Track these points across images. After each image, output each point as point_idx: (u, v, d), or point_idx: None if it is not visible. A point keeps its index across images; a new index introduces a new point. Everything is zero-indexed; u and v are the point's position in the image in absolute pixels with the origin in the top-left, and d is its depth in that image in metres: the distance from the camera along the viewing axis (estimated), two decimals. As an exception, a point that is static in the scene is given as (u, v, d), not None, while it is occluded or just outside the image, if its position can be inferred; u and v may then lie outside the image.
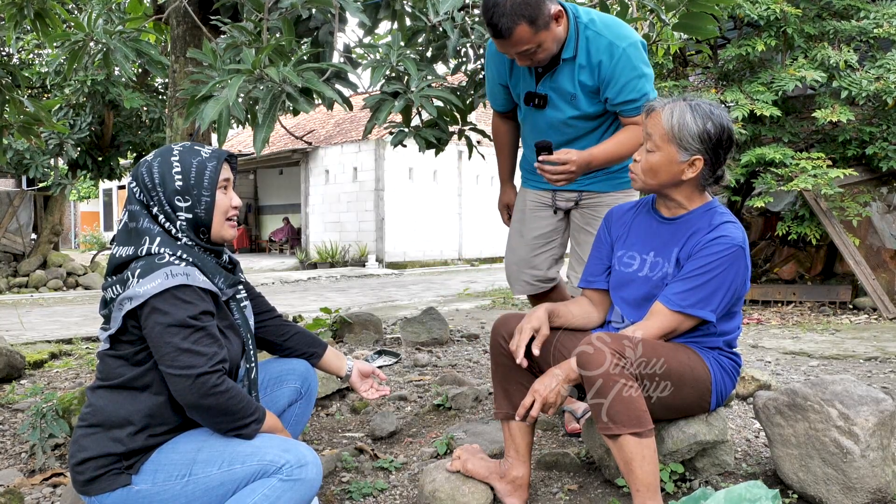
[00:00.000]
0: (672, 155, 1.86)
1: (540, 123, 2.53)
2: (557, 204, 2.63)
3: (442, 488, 2.00)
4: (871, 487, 1.84)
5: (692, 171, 1.88)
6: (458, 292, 9.72)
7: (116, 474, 1.58)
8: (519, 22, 2.16)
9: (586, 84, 2.37)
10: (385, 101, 2.46)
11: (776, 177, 5.99)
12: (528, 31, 2.18)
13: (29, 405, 3.09)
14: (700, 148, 1.85)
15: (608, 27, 2.34)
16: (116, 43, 2.74)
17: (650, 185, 1.94)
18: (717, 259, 1.84)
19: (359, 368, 2.05)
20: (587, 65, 2.35)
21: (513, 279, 2.75)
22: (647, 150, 1.90)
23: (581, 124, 2.47)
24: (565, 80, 2.39)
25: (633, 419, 1.70)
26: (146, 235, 1.63)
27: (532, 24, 2.17)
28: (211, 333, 1.59)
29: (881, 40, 6.20)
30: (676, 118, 1.85)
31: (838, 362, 4.08)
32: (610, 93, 2.35)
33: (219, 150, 1.72)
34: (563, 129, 2.49)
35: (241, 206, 1.85)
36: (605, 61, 2.31)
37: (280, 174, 21.22)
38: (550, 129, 2.52)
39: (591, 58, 2.33)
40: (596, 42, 2.32)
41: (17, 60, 8.57)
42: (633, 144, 2.37)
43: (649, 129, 1.90)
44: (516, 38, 2.20)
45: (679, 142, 1.85)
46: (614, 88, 2.33)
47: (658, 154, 1.88)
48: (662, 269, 1.95)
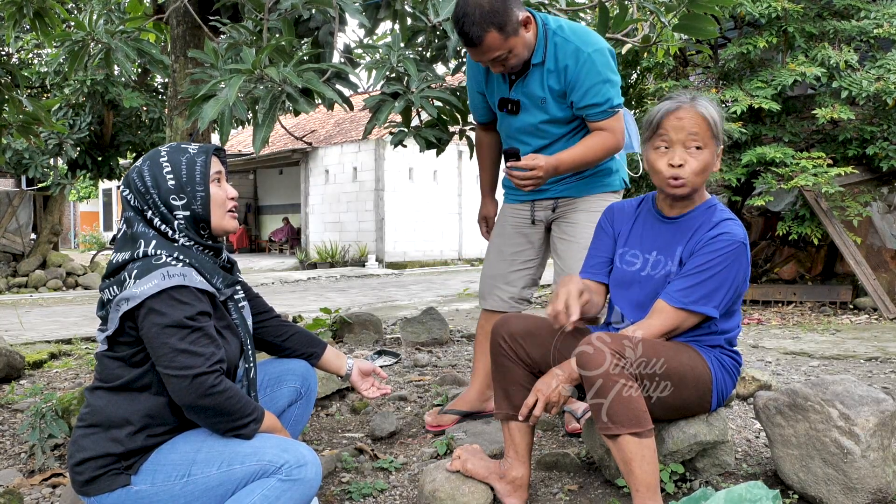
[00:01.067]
0: (714, 148, 1.88)
1: (514, 129, 2.57)
2: (536, 215, 2.64)
3: (442, 488, 2.00)
4: (872, 488, 1.84)
5: (719, 161, 1.92)
6: (458, 292, 9.71)
7: (115, 475, 1.58)
8: (488, 29, 2.22)
9: (554, 88, 2.42)
10: (385, 101, 2.46)
11: (776, 176, 5.99)
12: (497, 37, 2.24)
13: (28, 405, 3.08)
14: (723, 137, 1.90)
15: (575, 33, 2.40)
16: (118, 43, 2.74)
17: (696, 187, 1.90)
18: (720, 256, 1.84)
19: (359, 367, 2.05)
20: (555, 69, 2.40)
21: (486, 292, 2.72)
22: (695, 148, 1.85)
23: (552, 129, 2.50)
24: (535, 85, 2.44)
25: (632, 419, 1.70)
26: (141, 238, 1.63)
27: (501, 31, 2.23)
28: (208, 334, 1.58)
29: (881, 40, 6.20)
30: (712, 110, 1.86)
31: (839, 362, 4.08)
32: (575, 97, 2.40)
33: (206, 145, 1.73)
34: (536, 133, 2.52)
35: (240, 205, 1.84)
36: (571, 66, 2.36)
37: (280, 174, 21.22)
38: (523, 134, 2.55)
39: (558, 63, 2.39)
40: (563, 47, 2.37)
41: (17, 60, 8.56)
42: (601, 149, 2.42)
43: (691, 129, 1.84)
44: (487, 46, 2.26)
45: (717, 134, 1.87)
46: (579, 92, 2.38)
47: (707, 150, 1.86)
48: (665, 267, 1.95)
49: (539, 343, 1.98)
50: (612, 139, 2.41)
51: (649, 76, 7.32)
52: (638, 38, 3.20)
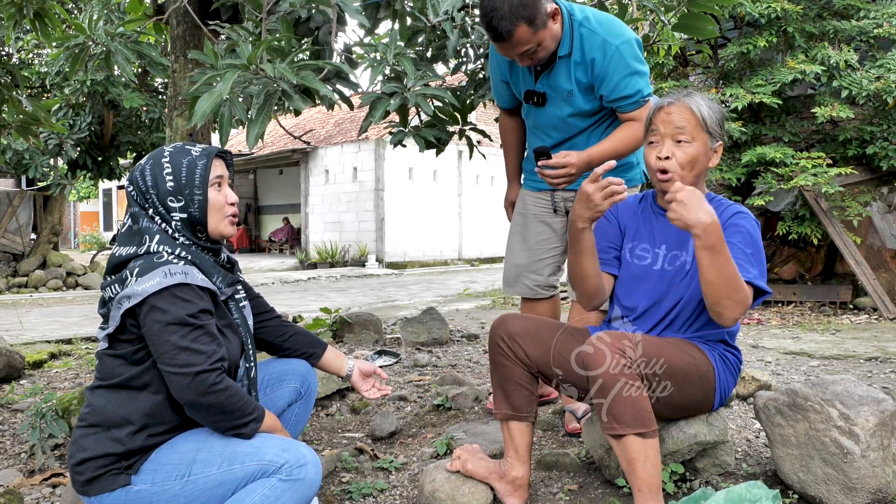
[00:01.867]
0: (706, 143, 1.89)
1: (541, 121, 2.55)
2: (556, 204, 2.64)
3: (442, 488, 2.00)
4: (872, 488, 1.84)
5: (717, 158, 1.92)
6: (458, 292, 9.71)
7: (116, 474, 1.58)
8: (518, 23, 2.18)
9: (581, 81, 2.40)
10: (380, 99, 2.46)
11: (776, 176, 5.99)
12: (527, 31, 2.21)
13: (28, 405, 3.08)
14: (720, 133, 1.91)
15: (602, 25, 2.36)
16: (117, 45, 2.74)
17: (687, 180, 1.89)
18: (748, 231, 1.86)
19: (360, 368, 2.05)
20: (581, 62, 2.37)
21: (512, 281, 2.74)
22: (680, 142, 1.87)
23: (579, 121, 2.49)
24: (562, 78, 2.42)
25: (637, 419, 1.70)
26: (146, 234, 1.63)
27: (531, 25, 2.20)
28: (210, 332, 1.58)
29: (881, 40, 6.20)
30: (704, 107, 1.88)
31: (839, 362, 4.08)
32: (604, 90, 2.37)
33: (210, 148, 1.72)
34: (563, 126, 2.51)
35: (240, 205, 1.85)
36: (599, 59, 2.34)
37: (280, 174, 21.21)
38: (550, 126, 2.53)
39: (584, 55, 2.36)
40: (590, 40, 2.34)
41: (17, 60, 8.56)
42: (631, 141, 2.40)
43: (678, 123, 1.87)
44: (517, 40, 2.22)
45: (709, 129, 1.88)
46: (608, 86, 2.36)
47: (695, 144, 1.88)
48: (680, 258, 1.95)
49: (538, 343, 1.98)
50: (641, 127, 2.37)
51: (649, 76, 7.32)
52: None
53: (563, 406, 2.74)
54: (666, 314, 1.96)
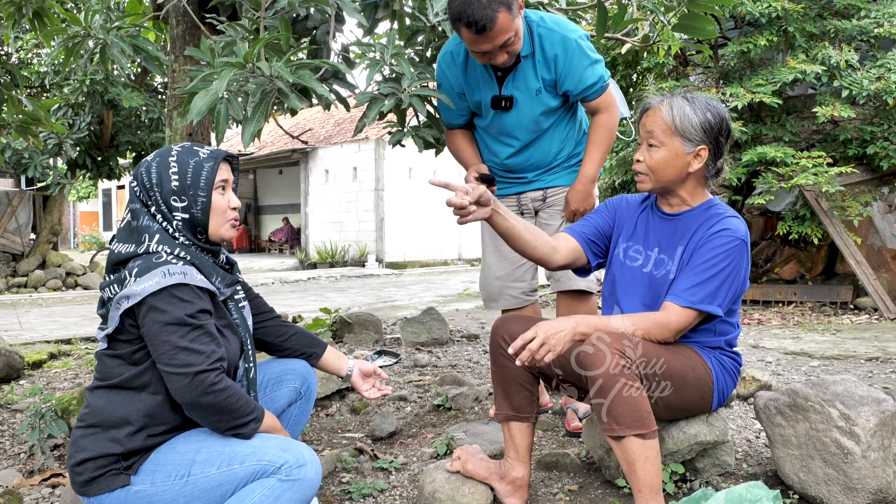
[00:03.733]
0: (677, 148, 1.89)
1: (507, 125, 2.57)
2: (523, 206, 2.68)
3: (442, 489, 2.00)
4: (872, 488, 1.84)
5: (698, 162, 1.90)
6: (458, 292, 9.71)
7: (115, 475, 1.58)
8: (499, 9, 2.23)
9: (546, 78, 2.47)
10: (376, 99, 2.45)
11: (777, 176, 5.99)
12: (507, 17, 2.25)
13: (28, 405, 3.08)
14: (703, 137, 1.89)
15: (557, 23, 2.46)
16: (113, 38, 2.73)
17: (659, 183, 1.93)
18: (723, 252, 1.84)
19: (360, 368, 2.05)
20: (544, 59, 2.44)
21: (496, 295, 2.72)
22: (650, 145, 1.91)
23: (547, 120, 2.55)
24: (529, 77, 2.47)
25: (637, 420, 1.70)
26: (146, 233, 1.63)
27: (510, 10, 2.26)
28: (209, 332, 1.58)
29: (882, 39, 6.20)
30: (677, 111, 1.88)
31: (839, 362, 4.08)
32: (570, 84, 2.46)
33: (217, 151, 1.72)
34: (532, 126, 2.55)
35: (241, 207, 1.85)
36: (561, 54, 2.42)
37: (280, 174, 21.21)
38: (519, 128, 2.56)
39: (546, 53, 2.44)
40: (549, 38, 2.43)
41: (17, 60, 8.56)
42: (608, 134, 2.52)
43: (649, 127, 1.91)
44: (500, 27, 2.25)
45: (683, 134, 1.87)
46: (573, 79, 2.45)
47: (663, 149, 1.90)
48: (666, 266, 1.95)
49: None
50: (610, 116, 2.51)
51: (649, 76, 7.32)
52: (638, 38, 3.20)
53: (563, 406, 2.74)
54: None
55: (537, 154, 2.60)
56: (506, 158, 2.63)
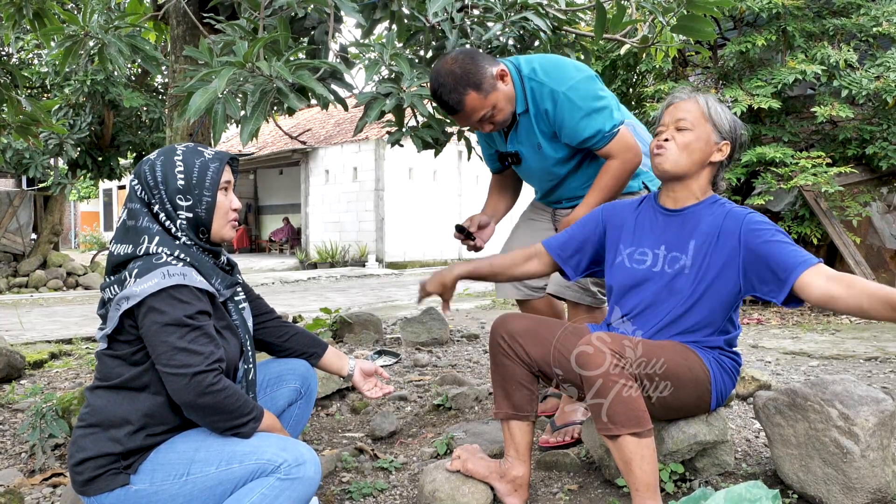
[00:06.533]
0: (708, 134, 1.93)
1: (525, 175, 2.62)
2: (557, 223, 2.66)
3: (442, 488, 2.00)
4: (872, 487, 1.84)
5: (720, 155, 1.94)
6: (459, 292, 9.72)
7: (115, 474, 1.58)
8: (466, 91, 2.21)
9: (545, 132, 2.40)
10: (376, 99, 2.45)
11: (776, 176, 6.00)
12: (476, 97, 2.23)
13: (29, 405, 3.09)
14: (730, 135, 1.95)
15: (548, 74, 2.34)
16: (111, 38, 2.73)
17: (681, 165, 1.92)
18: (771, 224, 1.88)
19: (361, 368, 2.05)
20: (538, 114, 2.38)
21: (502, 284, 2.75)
22: (679, 129, 1.93)
23: (562, 168, 2.48)
24: (528, 133, 2.43)
25: (632, 419, 1.70)
26: (145, 234, 1.64)
27: (479, 90, 2.22)
28: (207, 333, 1.59)
29: (881, 38, 6.20)
30: (711, 104, 1.94)
31: (838, 362, 4.08)
32: (565, 137, 2.37)
33: (222, 152, 1.73)
34: (548, 176, 2.53)
35: (241, 207, 1.86)
36: (550, 109, 2.33)
37: (280, 174, 21.22)
38: (536, 178, 2.58)
39: (538, 108, 2.36)
40: (539, 91, 2.34)
41: (17, 60, 8.56)
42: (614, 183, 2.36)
43: (680, 115, 1.93)
44: (469, 108, 2.25)
45: (714, 123, 1.93)
46: (567, 132, 2.34)
47: (694, 132, 1.92)
48: (680, 262, 1.94)
49: (539, 342, 1.98)
50: (621, 163, 2.34)
51: (649, 77, 7.33)
52: (636, 39, 3.20)
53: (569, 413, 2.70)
54: (664, 316, 1.95)
55: (566, 192, 2.58)
56: (540, 198, 2.71)
